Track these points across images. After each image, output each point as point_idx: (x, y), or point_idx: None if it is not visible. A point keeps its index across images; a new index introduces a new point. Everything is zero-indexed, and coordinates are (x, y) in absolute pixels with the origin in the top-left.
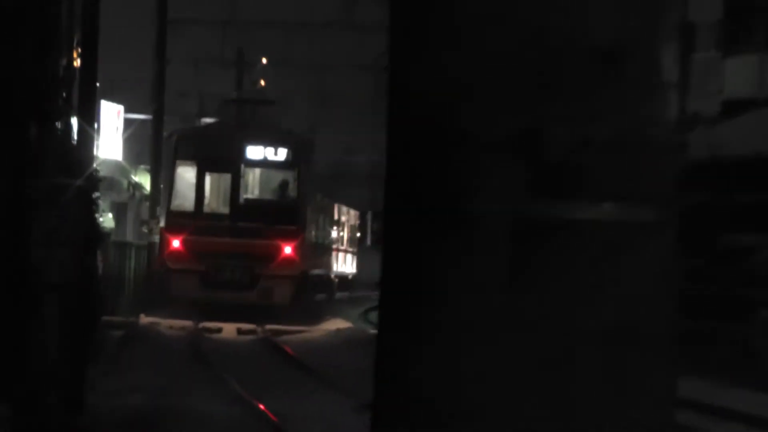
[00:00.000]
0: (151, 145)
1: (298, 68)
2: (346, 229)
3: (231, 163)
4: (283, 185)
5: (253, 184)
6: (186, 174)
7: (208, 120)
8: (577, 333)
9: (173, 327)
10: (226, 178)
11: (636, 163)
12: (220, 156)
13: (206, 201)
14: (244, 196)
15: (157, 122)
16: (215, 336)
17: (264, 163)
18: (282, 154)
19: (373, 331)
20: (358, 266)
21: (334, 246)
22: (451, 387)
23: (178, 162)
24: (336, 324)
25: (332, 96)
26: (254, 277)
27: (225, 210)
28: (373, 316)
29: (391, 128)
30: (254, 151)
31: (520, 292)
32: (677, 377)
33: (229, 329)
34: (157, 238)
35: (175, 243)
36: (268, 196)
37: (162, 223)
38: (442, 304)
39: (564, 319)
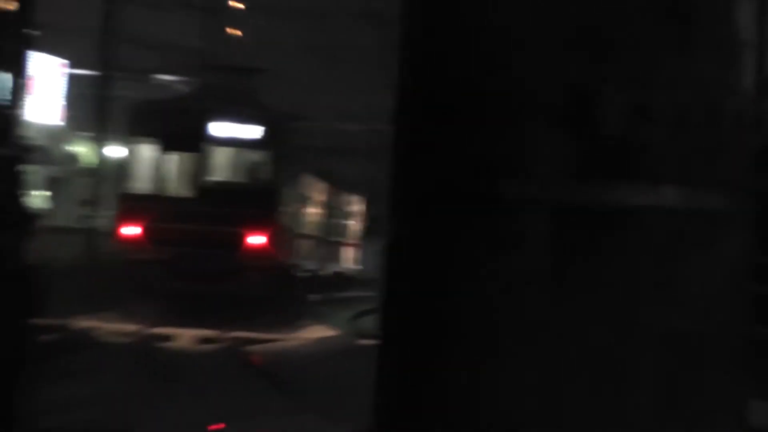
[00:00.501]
0: (97, 108)
1: (283, 15)
2: (341, 217)
3: (196, 141)
4: (257, 167)
5: (221, 165)
6: (144, 152)
7: (169, 77)
8: (630, 341)
9: (116, 333)
10: (191, 157)
11: (705, 141)
12: (183, 133)
13: (168, 183)
14: (211, 179)
15: (104, 79)
16: (168, 345)
17: (234, 142)
18: (255, 131)
19: (365, 341)
20: (357, 261)
21: (326, 237)
22: (482, 405)
23: (134, 138)
24: (318, 331)
25: (327, 50)
26: (221, 270)
27: (189, 194)
28: (366, 321)
29: (404, 91)
30: (223, 128)
31: (565, 292)
32: (748, 397)
33: (185, 336)
34: (99, 223)
35: (132, 230)
36: (238, 178)
37: (117, 208)
38: (467, 308)
39: (615, 324)
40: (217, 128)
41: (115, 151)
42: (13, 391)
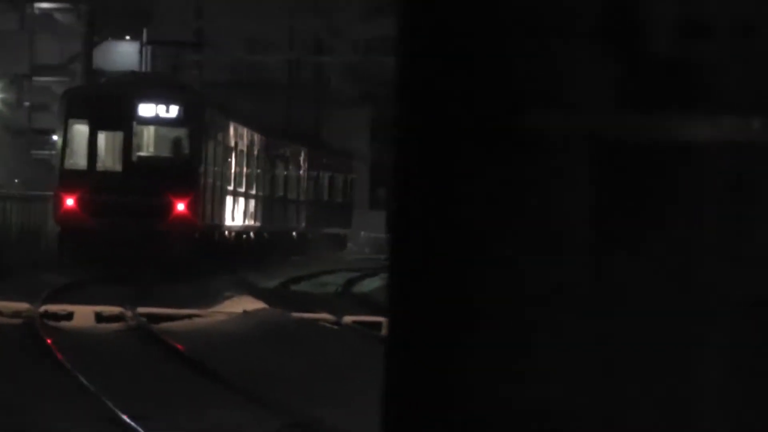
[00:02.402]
0: None
1: None
2: (267, 169)
3: (123, 120)
4: (176, 142)
5: (145, 142)
6: (79, 132)
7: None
8: (689, 312)
9: (1, 312)
10: (119, 136)
11: None
12: (111, 114)
13: (99, 159)
14: (137, 154)
15: None
16: (64, 325)
17: (156, 121)
18: (174, 111)
19: (298, 314)
20: (297, 216)
21: (252, 193)
22: (513, 404)
23: (70, 120)
24: (242, 303)
25: None
26: (148, 235)
27: (118, 168)
28: (298, 289)
29: (410, 9)
30: (146, 109)
31: (608, 249)
32: None
33: (83, 315)
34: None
35: (69, 202)
36: (161, 153)
37: (56, 183)
38: (495, 272)
39: (671, 290)
40: (142, 109)
41: (58, 135)
42: None
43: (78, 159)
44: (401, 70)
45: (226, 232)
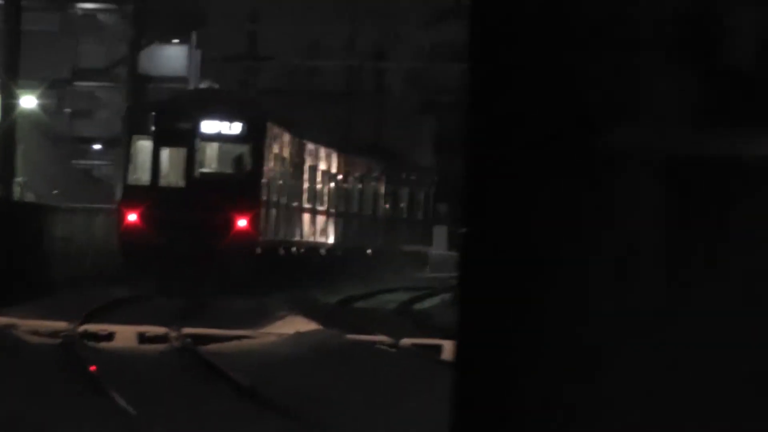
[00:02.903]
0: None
1: None
2: (332, 183)
3: (186, 137)
4: (239, 158)
5: (208, 158)
6: (143, 148)
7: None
8: None
9: (39, 331)
10: (182, 152)
11: None
12: (175, 130)
13: (162, 175)
14: (200, 170)
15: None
16: (105, 346)
17: (219, 137)
18: (236, 128)
19: (354, 336)
20: (349, 232)
21: (320, 209)
22: (582, 420)
23: (134, 136)
24: (295, 324)
25: None
26: (210, 251)
27: (181, 184)
28: (357, 308)
29: (480, 22)
30: (209, 126)
31: (682, 275)
32: None
33: (125, 335)
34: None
35: (132, 217)
36: (223, 169)
37: (118, 198)
38: (562, 291)
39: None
40: (205, 126)
41: (122, 151)
42: None
43: (141, 174)
44: (473, 85)
45: (294, 249)
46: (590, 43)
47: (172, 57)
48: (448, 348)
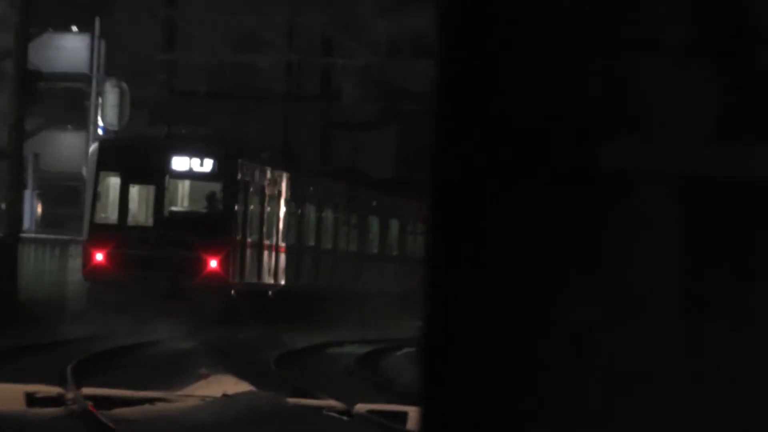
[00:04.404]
0: None
1: None
2: (312, 218)
3: (155, 174)
4: (210, 196)
5: (178, 196)
6: (110, 185)
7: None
8: None
9: None
10: (151, 189)
11: None
12: (144, 167)
13: (131, 213)
14: (169, 208)
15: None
16: None
17: (189, 175)
18: (208, 165)
19: (295, 399)
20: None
21: (294, 247)
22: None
23: (102, 173)
24: (223, 384)
25: None
26: (180, 292)
27: (150, 222)
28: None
29: (454, 24)
30: (179, 162)
31: (700, 314)
32: None
33: (9, 395)
34: None
35: (99, 257)
36: (194, 207)
37: (84, 236)
38: (563, 317)
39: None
40: (176, 162)
41: (88, 187)
42: None
43: (109, 213)
44: (443, 92)
45: (268, 291)
46: (588, 44)
47: (69, 48)
48: (413, 416)
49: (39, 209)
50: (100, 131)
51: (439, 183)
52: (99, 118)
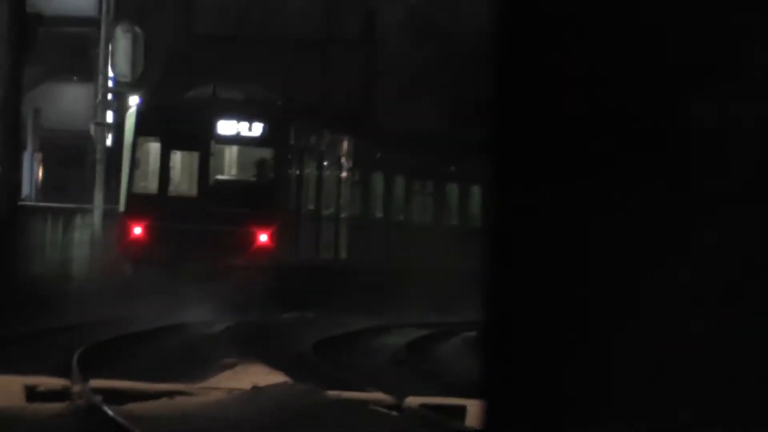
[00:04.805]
0: None
1: None
2: (378, 187)
3: (199, 139)
4: (260, 163)
5: (226, 164)
6: (149, 151)
7: None
8: None
9: None
10: (194, 156)
11: None
12: (187, 131)
13: (172, 182)
14: (215, 177)
15: None
16: None
17: (237, 140)
18: (257, 129)
19: (335, 392)
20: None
21: (357, 219)
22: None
23: (140, 138)
24: (251, 375)
25: None
26: (226, 270)
27: (193, 193)
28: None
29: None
30: (226, 126)
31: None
32: None
33: (7, 388)
34: None
35: (137, 230)
36: (242, 176)
37: (122, 207)
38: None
39: None
40: (222, 126)
41: (125, 155)
42: None
43: (148, 182)
44: (502, 49)
45: (322, 266)
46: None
47: None
48: (473, 411)
49: (40, 173)
50: (110, 83)
51: (504, 144)
52: (109, 68)
